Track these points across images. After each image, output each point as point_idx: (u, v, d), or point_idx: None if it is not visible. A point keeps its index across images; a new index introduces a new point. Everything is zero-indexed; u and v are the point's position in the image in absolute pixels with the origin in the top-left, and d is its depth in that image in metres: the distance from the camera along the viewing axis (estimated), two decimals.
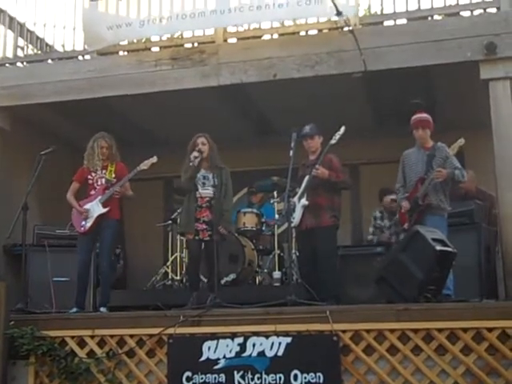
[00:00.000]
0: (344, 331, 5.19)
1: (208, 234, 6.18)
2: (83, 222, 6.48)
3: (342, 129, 6.27)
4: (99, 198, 6.49)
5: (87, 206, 6.51)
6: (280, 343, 5.22)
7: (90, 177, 6.60)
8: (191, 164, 6.25)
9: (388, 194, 7.43)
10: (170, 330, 5.46)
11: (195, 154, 6.28)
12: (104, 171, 6.58)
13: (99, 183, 6.57)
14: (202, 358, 5.33)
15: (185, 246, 7.30)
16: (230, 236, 7.64)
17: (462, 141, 6.08)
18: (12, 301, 6.02)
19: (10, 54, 7.90)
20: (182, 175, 6.36)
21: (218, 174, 6.29)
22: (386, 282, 5.62)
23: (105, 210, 6.45)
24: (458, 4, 6.96)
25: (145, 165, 6.60)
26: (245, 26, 7.42)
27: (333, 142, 6.31)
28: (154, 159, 6.63)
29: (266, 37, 7.38)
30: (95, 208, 6.47)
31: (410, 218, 6.10)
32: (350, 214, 8.59)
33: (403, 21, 6.99)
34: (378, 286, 5.78)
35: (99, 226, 6.47)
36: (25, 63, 7.90)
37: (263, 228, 7.95)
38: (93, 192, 6.56)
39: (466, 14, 6.85)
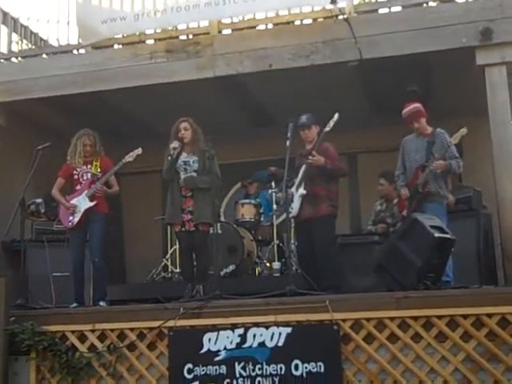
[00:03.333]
0: (344, 320, 5.19)
1: (193, 225, 6.16)
2: (71, 217, 6.49)
3: (336, 115, 6.25)
4: (85, 192, 6.49)
5: (74, 201, 6.51)
6: (280, 333, 5.23)
7: (75, 172, 6.59)
8: (169, 158, 6.22)
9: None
10: (171, 323, 5.47)
11: (174, 144, 6.24)
12: (89, 166, 6.58)
13: (85, 178, 6.57)
14: (203, 350, 5.34)
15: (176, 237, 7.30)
16: (229, 227, 7.66)
17: (464, 130, 6.05)
18: (12, 297, 6.02)
19: (4, 50, 7.86)
20: (165, 162, 6.33)
21: (200, 157, 6.25)
22: (384, 270, 5.63)
23: (92, 203, 6.45)
24: None
25: (130, 157, 6.59)
26: (239, 16, 7.39)
27: (327, 129, 6.29)
28: (139, 151, 6.62)
29: (261, 27, 7.35)
30: (82, 202, 6.47)
31: (410, 205, 6.10)
32: (349, 203, 8.59)
33: (398, 8, 6.96)
34: (377, 275, 5.78)
35: (87, 220, 6.47)
36: (19, 58, 7.88)
37: (262, 219, 7.94)
38: (78, 187, 6.56)
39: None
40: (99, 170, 6.58)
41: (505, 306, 4.99)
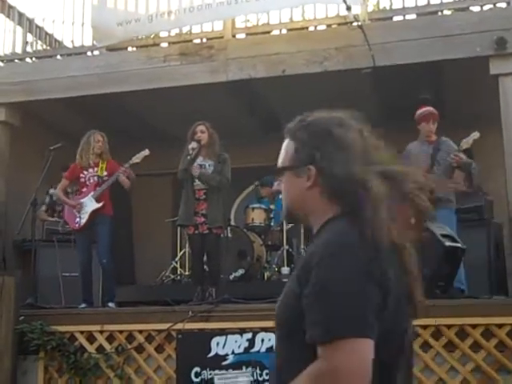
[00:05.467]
0: None
1: (207, 227, 6.17)
2: (77, 219, 6.50)
3: None
4: (91, 193, 6.50)
5: (80, 201, 6.52)
6: None
7: (82, 175, 6.60)
8: (188, 157, 6.24)
9: None
10: (179, 326, 5.48)
11: (193, 145, 6.26)
12: (96, 169, 6.59)
13: (91, 181, 6.57)
14: (211, 354, 5.35)
15: (187, 240, 7.31)
16: (239, 231, 7.67)
17: (476, 134, 5.98)
18: (22, 296, 6.05)
19: (19, 50, 7.92)
20: (180, 164, 6.35)
21: (216, 162, 6.27)
22: None
23: (99, 204, 6.45)
24: None
25: (137, 158, 6.61)
26: (253, 17, 7.42)
27: None
28: (146, 152, 6.63)
29: (275, 32, 7.37)
30: (88, 204, 6.47)
31: None
32: None
33: (412, 16, 6.97)
34: None
35: (93, 223, 6.48)
36: (34, 59, 7.93)
37: (272, 223, 7.94)
38: (84, 189, 6.57)
39: (475, 8, 6.82)
40: (105, 172, 6.59)
41: None
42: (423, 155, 6.14)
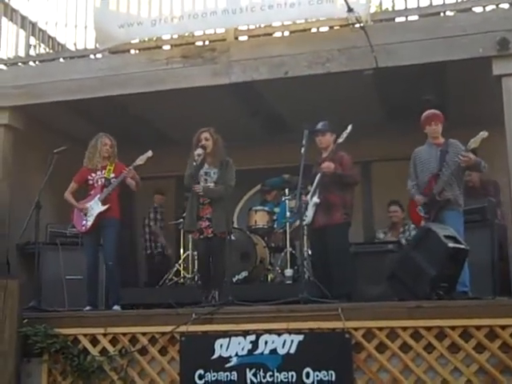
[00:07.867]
0: (356, 329, 5.17)
1: (211, 231, 6.18)
2: (84, 222, 6.51)
3: (349, 127, 6.26)
4: (98, 196, 6.51)
5: (87, 205, 6.53)
6: (292, 341, 5.21)
7: (90, 177, 6.62)
8: (194, 163, 6.25)
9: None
10: (183, 328, 5.47)
11: (199, 151, 6.26)
12: (103, 171, 6.60)
13: (99, 183, 6.59)
14: (214, 356, 5.34)
15: (190, 243, 7.32)
16: (242, 234, 7.67)
17: (485, 133, 5.91)
18: (25, 299, 6.04)
19: (22, 53, 7.94)
20: (187, 170, 6.36)
21: (219, 169, 6.28)
22: (397, 279, 5.60)
23: (104, 207, 6.46)
24: None
25: (141, 160, 6.61)
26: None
27: (340, 140, 6.33)
28: (149, 154, 6.62)
29: (277, 34, 7.37)
30: (95, 207, 6.48)
31: (429, 215, 6.04)
32: (362, 212, 8.57)
33: (415, 17, 6.96)
34: (390, 283, 5.75)
35: (100, 225, 6.49)
36: (37, 62, 7.95)
37: (275, 225, 7.94)
38: (92, 192, 6.59)
39: (478, 9, 6.80)
40: (112, 174, 6.60)
41: None
42: (432, 158, 6.13)
